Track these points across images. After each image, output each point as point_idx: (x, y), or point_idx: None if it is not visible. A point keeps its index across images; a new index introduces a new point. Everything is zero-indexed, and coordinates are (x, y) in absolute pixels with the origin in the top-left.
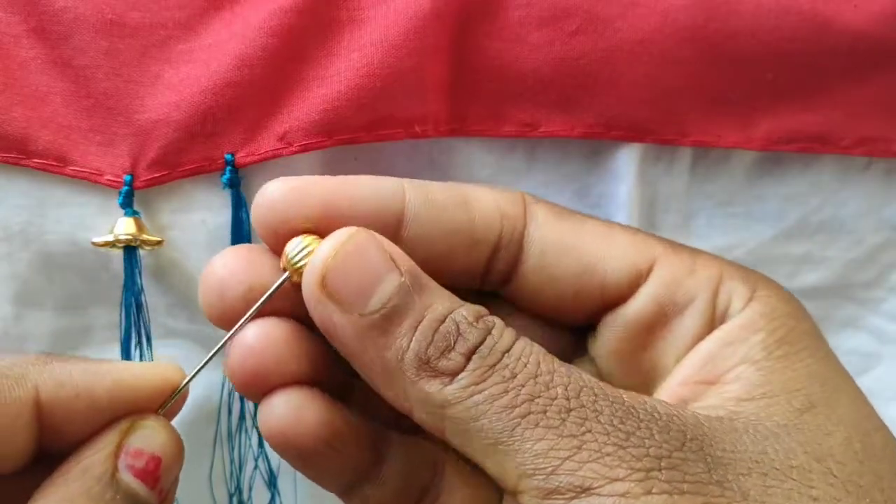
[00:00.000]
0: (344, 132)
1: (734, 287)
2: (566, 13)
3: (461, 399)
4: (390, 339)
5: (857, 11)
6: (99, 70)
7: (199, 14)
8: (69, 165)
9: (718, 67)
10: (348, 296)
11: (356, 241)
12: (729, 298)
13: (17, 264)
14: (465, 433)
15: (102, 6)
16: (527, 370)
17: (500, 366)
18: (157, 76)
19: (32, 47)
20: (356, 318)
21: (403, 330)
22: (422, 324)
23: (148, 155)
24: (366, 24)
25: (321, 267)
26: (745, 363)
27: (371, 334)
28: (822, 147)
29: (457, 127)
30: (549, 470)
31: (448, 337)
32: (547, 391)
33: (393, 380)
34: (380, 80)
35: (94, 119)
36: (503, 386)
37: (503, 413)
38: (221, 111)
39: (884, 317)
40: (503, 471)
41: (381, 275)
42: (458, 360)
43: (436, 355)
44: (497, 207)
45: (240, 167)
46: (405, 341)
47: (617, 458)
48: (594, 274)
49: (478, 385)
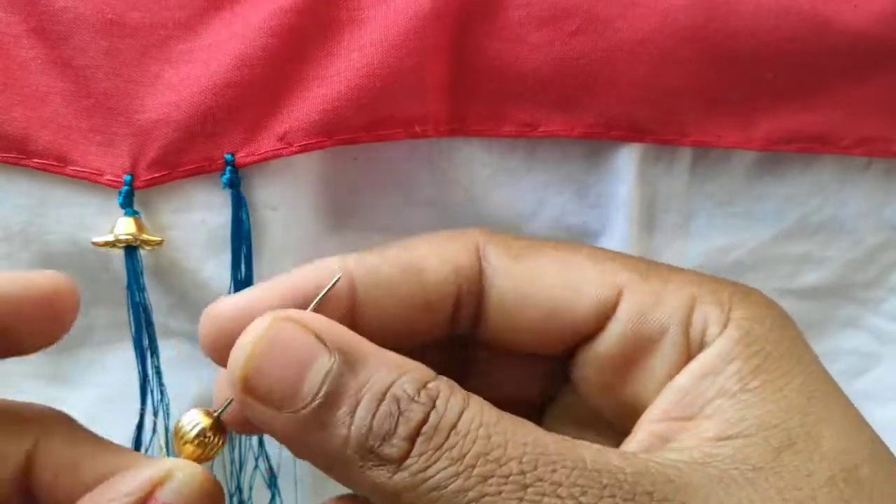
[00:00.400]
0: (344, 132)
1: (708, 312)
2: (566, 13)
3: (411, 488)
4: (329, 431)
5: (857, 11)
6: (99, 70)
7: (199, 14)
8: (69, 165)
9: (718, 67)
10: (275, 394)
11: (274, 330)
12: (704, 324)
13: (18, 264)
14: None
15: (102, 6)
16: (476, 447)
17: (446, 446)
18: (157, 76)
19: (32, 47)
20: (289, 415)
21: (341, 418)
22: (359, 407)
23: (148, 155)
24: (366, 24)
25: (241, 367)
26: (722, 397)
27: (308, 429)
28: (822, 147)
29: (457, 127)
30: None
31: (389, 419)
32: (500, 468)
33: (341, 470)
34: (380, 80)
35: (94, 119)
36: (453, 469)
37: (457, 498)
38: (221, 111)
39: (884, 317)
40: None
41: (308, 361)
42: (402, 446)
43: (378, 442)
44: (451, 267)
45: (240, 167)
46: (344, 431)
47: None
48: (557, 317)
49: (426, 471)
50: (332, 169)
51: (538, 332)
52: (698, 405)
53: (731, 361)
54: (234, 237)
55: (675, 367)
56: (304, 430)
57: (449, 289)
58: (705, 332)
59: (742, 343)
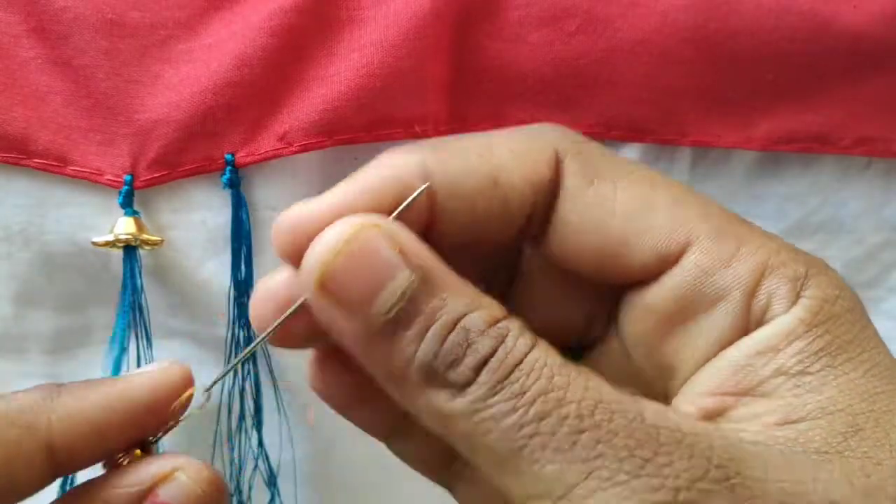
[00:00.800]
0: (344, 132)
1: (777, 286)
2: (566, 13)
3: (469, 414)
4: (396, 346)
5: (856, 11)
6: (99, 70)
7: (199, 14)
8: (69, 165)
9: (718, 67)
10: (351, 298)
11: (361, 234)
12: (770, 298)
13: (18, 264)
14: (473, 448)
15: (102, 6)
16: (538, 385)
17: (509, 381)
18: (156, 76)
19: (32, 47)
20: (360, 323)
21: (410, 337)
22: (430, 331)
23: (148, 155)
24: (366, 24)
25: (322, 264)
26: (781, 376)
27: (376, 340)
28: (821, 147)
29: (457, 127)
30: (557, 495)
31: (457, 348)
32: (558, 409)
33: (400, 386)
34: (379, 81)
35: (94, 119)
36: (512, 403)
37: (511, 432)
38: (221, 111)
39: (884, 316)
40: (509, 490)
41: (388, 274)
42: (467, 374)
43: (444, 367)
44: (529, 185)
45: (240, 167)
46: (412, 349)
47: (629, 489)
48: (615, 255)
49: (486, 401)
50: (333, 169)
51: (594, 263)
52: (753, 382)
53: (794, 341)
54: (234, 237)
55: (727, 335)
56: (372, 341)
57: (525, 206)
58: (769, 307)
59: (809, 323)
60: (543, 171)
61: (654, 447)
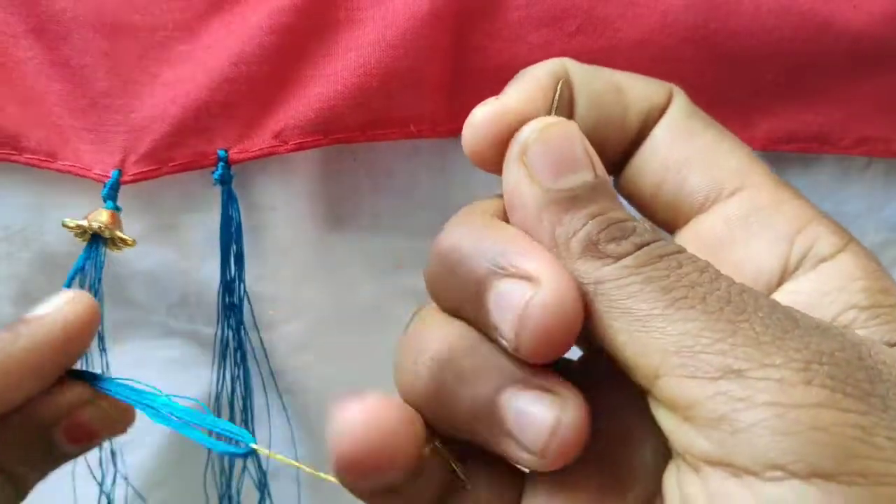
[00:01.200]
0: (340, 131)
1: (821, 233)
2: (566, 13)
3: (619, 277)
4: (566, 217)
5: (856, 11)
6: (97, 70)
7: (199, 16)
8: (59, 160)
9: (718, 67)
10: (542, 169)
11: (564, 128)
12: (812, 242)
13: (18, 264)
14: (612, 313)
15: (103, 9)
16: (694, 264)
17: (668, 258)
18: (155, 76)
19: (31, 48)
20: (542, 190)
21: (581, 214)
22: (601, 216)
23: (139, 150)
24: (364, 24)
25: (532, 131)
26: (853, 309)
27: (550, 208)
28: (821, 147)
29: (455, 127)
30: (698, 349)
31: (624, 229)
32: (711, 283)
33: (558, 252)
34: (376, 80)
35: (89, 118)
36: (667, 271)
37: (660, 293)
38: (216, 107)
39: None
40: (645, 353)
41: (577, 166)
42: (628, 247)
43: (606, 240)
44: (647, 98)
45: (233, 163)
46: (580, 223)
47: (774, 346)
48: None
49: (640, 268)
50: (332, 169)
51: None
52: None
53: (855, 280)
54: (224, 234)
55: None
56: (547, 207)
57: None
58: (812, 249)
59: (863, 269)
60: (658, 95)
61: (795, 323)
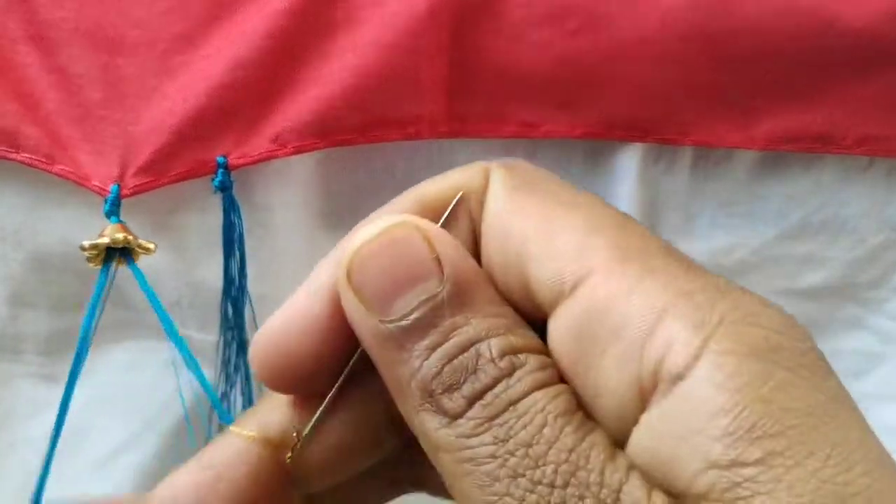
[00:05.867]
0: (338, 133)
1: (675, 332)
2: (567, 12)
3: (451, 450)
4: (404, 356)
5: (858, 10)
6: (94, 80)
7: (197, 27)
8: (57, 164)
9: (719, 66)
10: (371, 295)
11: (399, 231)
12: (664, 350)
13: (12, 265)
14: (452, 487)
15: (103, 22)
16: (523, 434)
17: (497, 421)
18: (154, 88)
19: (29, 53)
20: (376, 322)
21: (419, 349)
22: (440, 348)
23: (137, 162)
24: (361, 24)
25: (354, 252)
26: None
27: (386, 344)
28: (824, 146)
29: (457, 128)
30: None
31: (460, 372)
32: (534, 469)
33: (400, 398)
34: (374, 81)
35: (84, 128)
36: (492, 449)
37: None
38: (214, 113)
39: (887, 316)
40: None
41: (416, 278)
42: (461, 403)
43: (441, 389)
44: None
45: (233, 169)
46: (418, 362)
47: None
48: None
49: (469, 439)
50: (331, 171)
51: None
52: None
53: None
54: (226, 240)
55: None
56: (382, 342)
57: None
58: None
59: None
60: (474, 177)
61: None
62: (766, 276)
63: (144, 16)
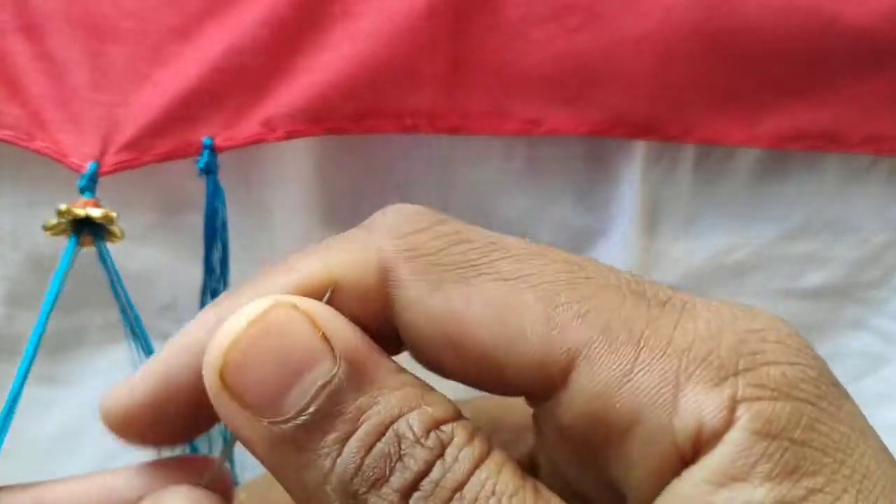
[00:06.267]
0: (331, 121)
1: (701, 396)
2: (568, 9)
3: None
4: (310, 457)
5: (862, 8)
6: (83, 65)
7: (192, 20)
8: (37, 140)
9: (723, 64)
10: (255, 397)
11: (273, 316)
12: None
13: (8, 265)
14: None
15: (95, 14)
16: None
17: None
18: (145, 76)
19: (18, 43)
20: (265, 426)
21: (328, 444)
22: (353, 437)
23: (120, 140)
24: (359, 18)
25: (224, 353)
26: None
27: (286, 450)
28: (829, 145)
29: (457, 124)
30: None
31: (384, 460)
32: None
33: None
34: (370, 71)
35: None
36: None
37: None
38: (204, 95)
39: (889, 317)
40: None
41: (305, 364)
42: (393, 500)
43: (365, 487)
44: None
45: (220, 151)
46: (329, 461)
47: None
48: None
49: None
50: (330, 168)
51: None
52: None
53: (754, 468)
54: (208, 227)
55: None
56: (281, 449)
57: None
58: (702, 424)
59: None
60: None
61: None
62: (767, 276)
63: (137, 7)
